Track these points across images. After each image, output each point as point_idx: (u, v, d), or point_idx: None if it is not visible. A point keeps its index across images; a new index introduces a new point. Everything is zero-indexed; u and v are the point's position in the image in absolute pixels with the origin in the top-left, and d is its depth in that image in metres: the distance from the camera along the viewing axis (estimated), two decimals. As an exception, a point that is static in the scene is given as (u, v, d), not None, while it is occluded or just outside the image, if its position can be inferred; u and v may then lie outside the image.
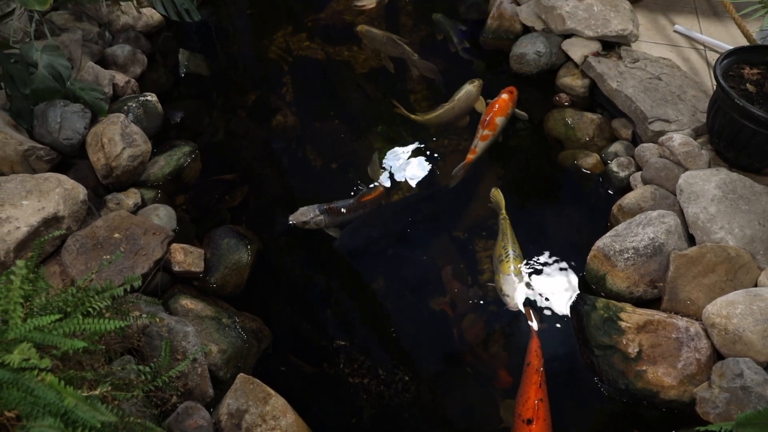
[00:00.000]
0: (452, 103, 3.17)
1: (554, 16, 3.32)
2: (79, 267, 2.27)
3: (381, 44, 3.63)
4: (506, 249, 2.45)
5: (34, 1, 2.51)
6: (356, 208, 2.73)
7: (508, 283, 2.37)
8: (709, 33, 3.47)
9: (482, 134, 2.93)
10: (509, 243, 2.48)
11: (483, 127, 2.96)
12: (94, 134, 2.72)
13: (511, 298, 2.35)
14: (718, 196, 2.42)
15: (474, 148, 2.90)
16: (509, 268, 2.40)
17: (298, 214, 2.66)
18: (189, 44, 3.76)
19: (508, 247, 2.46)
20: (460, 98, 3.18)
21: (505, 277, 2.39)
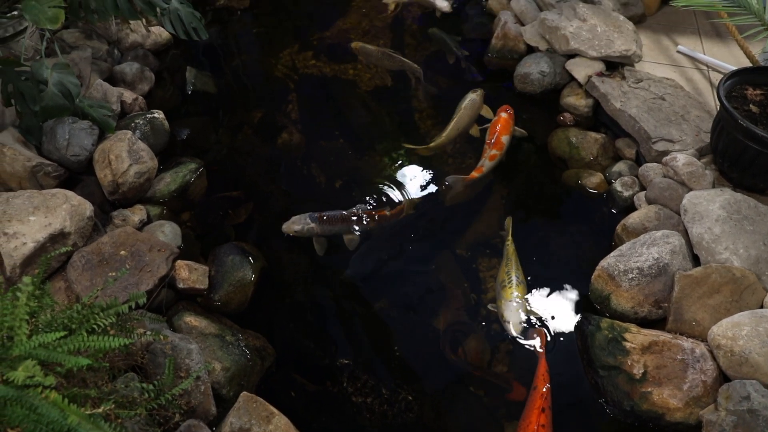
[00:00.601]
0: (458, 114, 3.21)
1: (558, 36, 3.36)
2: (84, 283, 2.28)
3: (377, 59, 3.71)
4: (509, 275, 2.44)
5: (46, 20, 2.55)
6: (348, 219, 2.71)
7: (509, 309, 2.36)
8: (712, 54, 3.50)
9: (490, 154, 2.95)
10: (513, 269, 2.47)
11: (490, 147, 2.98)
12: (102, 151, 2.75)
13: (511, 324, 2.34)
14: (723, 216, 2.42)
15: (480, 166, 2.92)
16: (511, 294, 2.39)
17: (290, 222, 2.69)
18: (196, 62, 3.81)
19: (512, 272, 2.45)
20: (465, 107, 3.23)
21: (506, 302, 2.38)
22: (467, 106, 3.23)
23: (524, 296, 2.41)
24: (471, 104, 3.25)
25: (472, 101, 3.26)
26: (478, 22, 4.13)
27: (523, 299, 2.40)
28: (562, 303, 2.47)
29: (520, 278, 2.45)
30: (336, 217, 2.71)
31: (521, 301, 2.38)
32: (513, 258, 2.52)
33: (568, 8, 3.46)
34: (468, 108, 3.23)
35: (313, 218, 2.69)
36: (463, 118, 3.20)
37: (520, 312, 2.36)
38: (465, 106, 3.24)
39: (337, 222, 2.71)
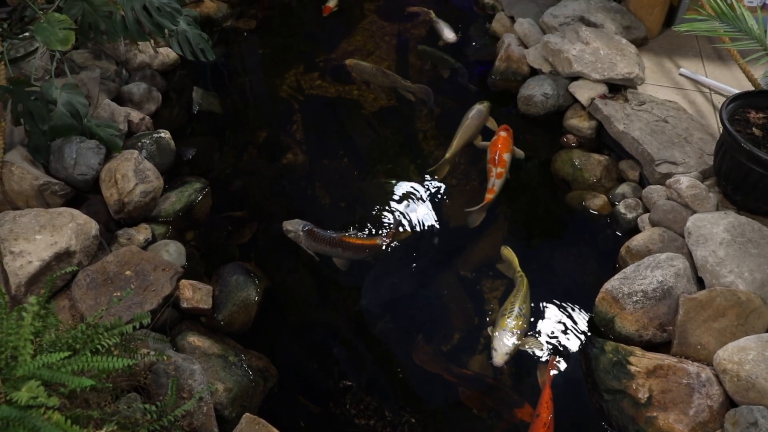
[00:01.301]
0: (465, 123, 3.28)
1: (561, 59, 3.39)
2: (89, 302, 2.28)
3: (371, 76, 3.79)
4: (513, 305, 2.41)
5: (57, 41, 2.59)
6: (336, 245, 2.69)
7: (500, 338, 2.31)
8: (713, 76, 3.52)
9: (497, 172, 2.98)
10: (518, 300, 2.43)
11: (495, 165, 3.01)
12: (108, 170, 2.78)
13: (497, 354, 2.28)
14: (727, 239, 2.42)
15: (492, 187, 2.94)
16: (507, 324, 2.35)
17: (288, 222, 2.76)
18: (203, 82, 3.86)
19: (516, 303, 2.41)
20: (472, 116, 3.32)
21: (500, 331, 2.34)
22: (474, 116, 3.32)
23: (521, 330, 2.35)
24: (478, 114, 3.33)
25: (478, 112, 3.35)
26: (482, 44, 4.18)
27: (518, 333, 2.33)
28: (566, 325, 2.46)
29: (523, 311, 2.40)
30: (324, 238, 2.71)
31: (514, 334, 2.33)
32: (523, 289, 2.48)
33: (571, 31, 3.50)
34: (475, 118, 3.32)
35: (304, 229, 2.72)
36: (470, 128, 3.28)
37: (510, 344, 2.30)
38: (472, 116, 3.32)
39: (323, 243, 2.70)
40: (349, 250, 2.70)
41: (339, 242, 2.70)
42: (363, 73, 3.81)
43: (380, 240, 2.74)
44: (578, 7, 3.78)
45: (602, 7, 3.80)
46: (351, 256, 2.71)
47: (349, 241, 2.70)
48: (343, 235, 2.72)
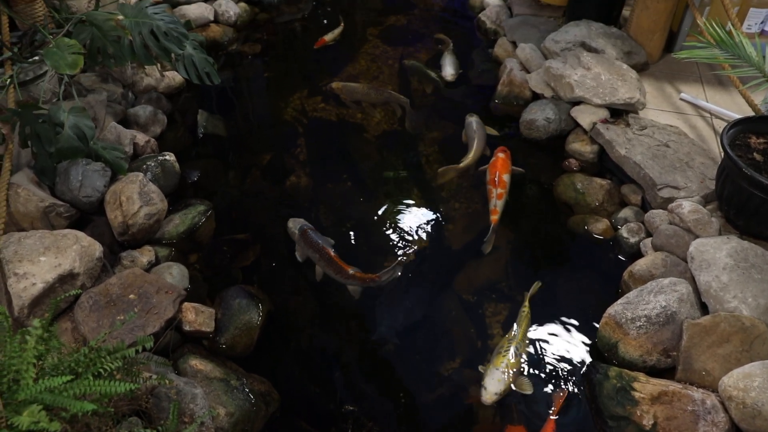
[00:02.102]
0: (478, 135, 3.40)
1: (563, 84, 3.42)
2: (91, 324, 2.28)
3: (362, 94, 3.88)
4: (510, 343, 2.37)
5: (66, 66, 2.64)
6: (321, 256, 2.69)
7: (491, 378, 2.27)
8: (714, 101, 3.55)
9: (497, 193, 3.01)
10: (516, 338, 2.40)
11: (495, 187, 3.04)
12: (113, 192, 2.79)
13: (486, 393, 2.24)
14: (730, 264, 2.41)
15: (495, 208, 2.97)
16: (501, 362, 2.30)
17: (292, 220, 2.90)
18: (208, 105, 3.90)
19: (513, 342, 2.37)
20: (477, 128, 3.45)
21: (492, 369, 2.29)
22: (478, 127, 3.45)
23: (514, 370, 2.30)
24: (478, 125, 3.47)
25: (477, 123, 3.48)
26: (485, 68, 4.24)
27: (510, 373, 2.28)
28: (570, 350, 2.45)
29: (520, 350, 2.36)
30: (311, 243, 2.74)
31: (507, 374, 2.28)
32: (523, 326, 2.45)
33: (573, 57, 3.54)
34: (481, 128, 3.46)
35: (301, 230, 2.80)
36: (482, 138, 3.40)
37: (500, 384, 2.25)
38: (475, 128, 3.44)
39: (310, 247, 2.74)
40: (329, 268, 2.68)
41: (322, 253, 2.71)
42: (353, 94, 3.89)
43: (362, 275, 2.66)
44: (579, 33, 3.83)
45: (603, 33, 3.84)
46: (329, 273, 2.69)
47: (331, 257, 2.68)
48: (331, 251, 2.72)
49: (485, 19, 4.78)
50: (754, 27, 3.80)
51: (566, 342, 2.48)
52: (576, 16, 4.08)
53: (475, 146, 3.34)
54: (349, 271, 2.64)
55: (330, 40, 4.41)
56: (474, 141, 3.37)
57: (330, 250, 2.71)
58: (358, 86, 3.93)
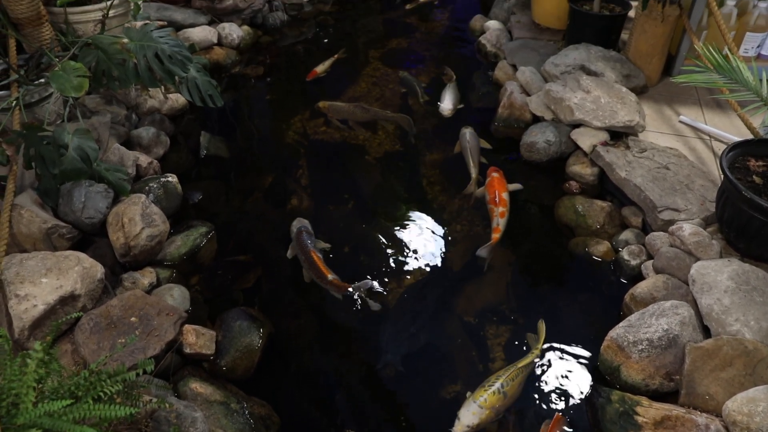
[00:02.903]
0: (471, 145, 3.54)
1: (563, 107, 3.45)
2: (92, 346, 2.28)
3: (349, 113, 3.94)
4: (498, 379, 2.29)
5: (71, 88, 2.67)
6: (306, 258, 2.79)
7: (466, 408, 2.22)
8: (713, 123, 3.58)
9: (499, 212, 3.04)
10: (506, 375, 2.30)
11: (496, 205, 3.07)
12: (116, 214, 2.81)
13: (458, 423, 2.19)
14: (732, 287, 2.41)
15: (497, 226, 2.99)
16: (480, 397, 2.24)
17: (296, 220, 3.04)
18: (210, 127, 3.93)
19: (501, 379, 2.29)
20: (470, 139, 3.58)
21: (470, 401, 2.24)
22: (471, 137, 3.57)
23: (494, 407, 2.22)
24: (471, 136, 3.59)
25: (471, 134, 3.60)
26: (485, 91, 4.28)
27: (489, 410, 2.21)
28: (571, 373, 2.44)
29: (504, 389, 2.27)
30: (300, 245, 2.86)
31: (485, 410, 2.21)
32: (518, 365, 2.37)
33: (572, 80, 3.58)
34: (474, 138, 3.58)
35: (298, 230, 2.94)
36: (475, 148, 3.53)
37: (474, 418, 2.19)
38: (468, 138, 3.56)
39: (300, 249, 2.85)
40: (311, 270, 2.77)
41: (308, 256, 2.79)
42: (340, 113, 3.95)
43: (338, 282, 2.71)
44: (579, 56, 3.87)
45: (602, 57, 3.89)
46: (311, 275, 2.77)
47: (313, 261, 2.77)
48: (317, 255, 2.80)
49: (485, 42, 4.84)
50: (750, 51, 3.84)
51: (568, 365, 2.46)
52: (575, 40, 4.13)
53: (472, 160, 3.46)
54: (328, 277, 2.71)
55: (321, 72, 4.44)
56: (468, 152, 3.50)
57: (315, 254, 2.80)
58: (345, 105, 4.00)
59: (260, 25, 5.44)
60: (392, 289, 2.79)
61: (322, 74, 4.46)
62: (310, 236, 2.93)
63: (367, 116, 3.92)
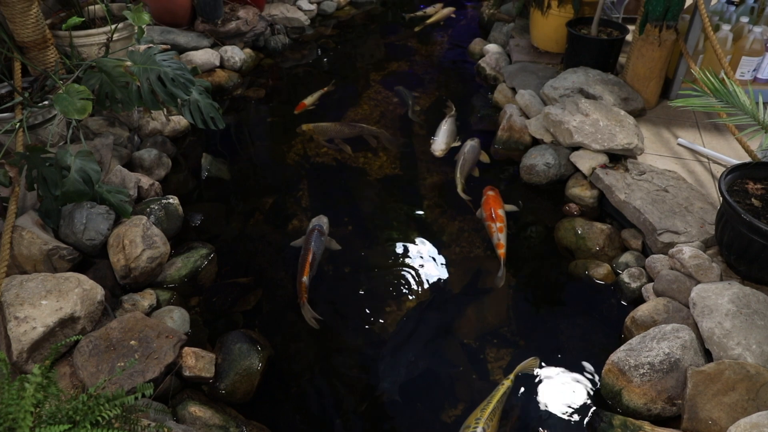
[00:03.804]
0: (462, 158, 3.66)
1: (562, 130, 3.48)
2: (90, 369, 2.26)
3: (336, 131, 4.04)
4: (478, 422, 2.21)
5: (75, 111, 2.70)
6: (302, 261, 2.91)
7: None
8: (711, 146, 3.60)
9: (498, 227, 3.10)
10: (486, 416, 2.22)
11: (494, 221, 3.13)
12: (117, 235, 2.81)
13: None
14: (733, 310, 2.41)
15: (500, 242, 3.04)
16: None
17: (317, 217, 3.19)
18: (212, 148, 3.96)
19: (482, 421, 2.21)
20: (468, 151, 3.68)
21: None
22: (469, 150, 3.70)
23: None
24: (471, 149, 3.72)
25: (471, 147, 3.72)
26: (485, 114, 4.32)
27: None
28: (573, 397, 2.42)
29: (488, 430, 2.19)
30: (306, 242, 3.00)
31: None
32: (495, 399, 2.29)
33: (571, 103, 3.61)
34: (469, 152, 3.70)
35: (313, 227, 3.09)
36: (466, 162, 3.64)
37: None
38: (467, 151, 3.69)
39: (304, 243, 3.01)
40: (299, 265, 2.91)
41: (304, 252, 2.95)
42: (326, 133, 4.03)
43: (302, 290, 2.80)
44: (577, 80, 3.92)
45: (600, 80, 3.93)
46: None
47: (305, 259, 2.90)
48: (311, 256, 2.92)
49: (485, 65, 4.90)
50: (747, 74, 3.89)
51: (569, 388, 2.45)
52: (573, 63, 4.19)
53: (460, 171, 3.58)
54: (301, 278, 2.82)
55: (310, 104, 4.46)
56: (459, 162, 3.64)
57: (310, 254, 2.92)
58: (330, 125, 4.08)
59: (262, 48, 5.51)
60: (392, 311, 2.78)
61: (311, 107, 4.49)
62: (322, 235, 3.06)
63: (353, 132, 4.04)
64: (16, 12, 3.21)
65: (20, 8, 3.20)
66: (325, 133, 4.02)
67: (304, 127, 4.07)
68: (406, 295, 2.86)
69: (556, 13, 4.49)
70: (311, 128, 4.04)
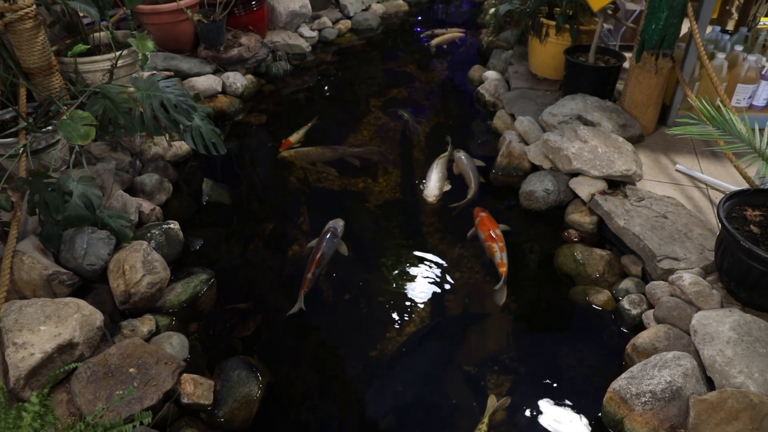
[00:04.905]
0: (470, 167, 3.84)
1: (561, 156, 3.51)
2: (88, 396, 2.24)
3: (318, 155, 4.11)
4: None
5: (78, 137, 2.72)
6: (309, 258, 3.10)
7: None
8: (708, 172, 3.62)
9: (500, 246, 3.14)
10: None
11: (494, 241, 3.16)
12: (117, 261, 2.81)
13: None
14: (734, 338, 2.40)
15: (501, 261, 3.07)
16: None
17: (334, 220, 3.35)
18: (213, 173, 3.98)
19: None
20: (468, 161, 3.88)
21: None
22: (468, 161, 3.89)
23: None
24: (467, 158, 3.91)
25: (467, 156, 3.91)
26: (484, 140, 4.35)
27: None
28: (574, 426, 2.40)
29: None
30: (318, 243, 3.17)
31: None
32: None
33: (570, 130, 3.65)
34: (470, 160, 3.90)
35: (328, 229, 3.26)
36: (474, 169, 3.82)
37: None
38: (466, 162, 3.86)
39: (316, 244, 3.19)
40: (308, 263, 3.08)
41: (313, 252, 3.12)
42: (308, 157, 4.09)
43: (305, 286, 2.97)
44: (575, 107, 3.96)
45: (598, 107, 3.97)
46: None
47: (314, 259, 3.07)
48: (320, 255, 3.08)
49: (484, 92, 4.96)
50: (742, 101, 3.94)
51: (570, 417, 2.43)
52: (572, 90, 4.24)
53: (473, 179, 3.75)
54: (308, 274, 3.00)
55: (295, 141, 4.46)
56: (469, 173, 3.79)
57: (320, 254, 3.09)
58: (311, 150, 4.14)
59: (263, 74, 5.58)
60: (392, 337, 2.77)
61: (297, 144, 4.50)
62: (335, 237, 3.24)
63: (336, 155, 4.11)
64: (24, 39, 3.26)
65: (28, 36, 3.25)
66: (307, 157, 4.08)
67: (285, 154, 4.11)
68: (406, 321, 2.85)
69: (554, 40, 4.56)
70: (292, 154, 4.09)
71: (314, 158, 4.07)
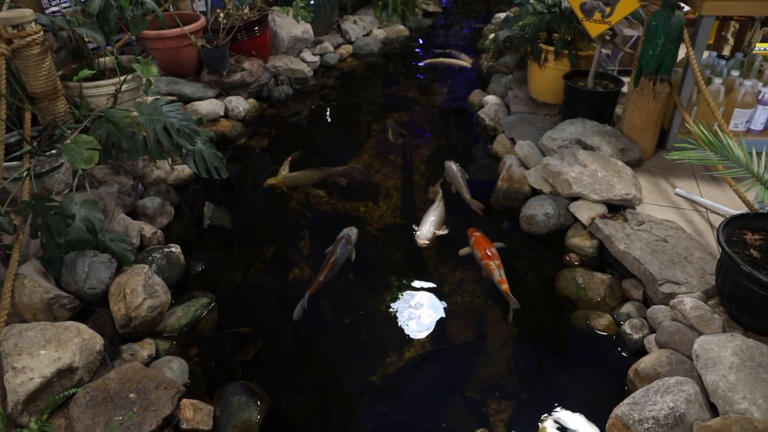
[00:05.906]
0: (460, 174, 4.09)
1: (561, 180, 3.53)
2: (86, 422, 2.23)
3: (307, 178, 4.17)
4: None
5: (82, 161, 2.75)
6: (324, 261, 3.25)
7: None
8: (708, 196, 3.64)
9: (497, 264, 3.18)
10: None
11: (491, 260, 3.20)
12: (118, 284, 2.81)
13: None
14: (737, 363, 2.38)
15: (501, 278, 3.10)
16: None
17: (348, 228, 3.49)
18: (214, 197, 4.00)
19: None
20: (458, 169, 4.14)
21: None
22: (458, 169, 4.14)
23: None
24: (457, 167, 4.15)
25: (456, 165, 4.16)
26: (484, 164, 4.38)
27: None
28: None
29: None
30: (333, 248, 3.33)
31: None
32: None
33: (569, 154, 3.67)
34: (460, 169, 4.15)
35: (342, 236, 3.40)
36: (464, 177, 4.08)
37: None
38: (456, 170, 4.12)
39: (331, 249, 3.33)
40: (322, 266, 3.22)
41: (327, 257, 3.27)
42: (297, 181, 4.15)
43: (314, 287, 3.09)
44: (575, 131, 3.99)
45: (598, 131, 4.01)
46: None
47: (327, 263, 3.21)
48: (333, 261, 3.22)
49: (484, 116, 5.00)
50: (740, 126, 3.97)
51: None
52: (571, 115, 4.28)
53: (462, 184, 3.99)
54: (320, 277, 3.13)
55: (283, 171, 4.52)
56: (458, 179, 4.03)
57: (333, 260, 3.22)
58: (299, 174, 4.19)
59: (265, 98, 5.64)
60: (393, 362, 2.75)
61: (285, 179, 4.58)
62: (348, 243, 3.37)
63: (322, 175, 4.18)
64: (30, 65, 3.31)
65: (34, 61, 3.31)
66: (296, 181, 4.12)
67: (272, 181, 4.12)
68: (406, 346, 2.84)
69: (553, 65, 4.62)
70: (280, 180, 4.12)
71: (303, 181, 4.11)
